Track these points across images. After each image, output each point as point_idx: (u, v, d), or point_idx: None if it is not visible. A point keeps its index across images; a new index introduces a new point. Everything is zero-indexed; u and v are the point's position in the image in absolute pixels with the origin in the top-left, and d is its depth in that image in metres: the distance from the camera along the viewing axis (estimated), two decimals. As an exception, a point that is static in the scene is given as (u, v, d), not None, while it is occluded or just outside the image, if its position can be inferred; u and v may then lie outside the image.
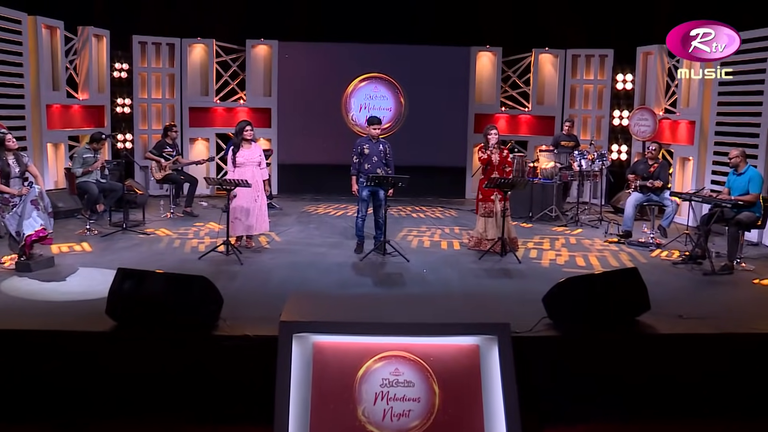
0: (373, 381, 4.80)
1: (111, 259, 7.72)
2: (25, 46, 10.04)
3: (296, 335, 4.89)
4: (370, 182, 7.89)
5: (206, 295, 5.35)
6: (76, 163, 9.22)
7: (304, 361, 4.86)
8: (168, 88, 13.23)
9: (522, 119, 13.86)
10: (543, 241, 9.36)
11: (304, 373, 4.84)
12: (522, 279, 7.30)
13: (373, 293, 6.48)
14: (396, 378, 4.82)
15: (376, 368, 4.82)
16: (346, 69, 13.63)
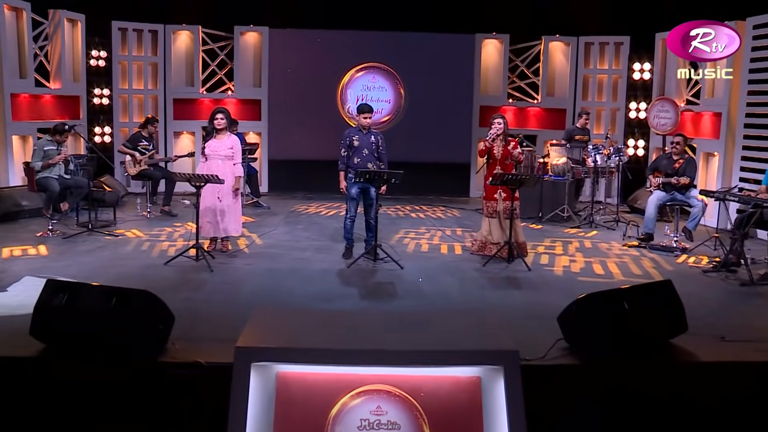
0: (349, 421, 3.90)
1: (66, 264, 6.83)
2: (-15, 29, 9.18)
3: (255, 364, 3.99)
4: (359, 178, 6.96)
5: (151, 312, 4.44)
6: (36, 156, 8.32)
7: (265, 397, 3.97)
8: (150, 78, 12.35)
9: (531, 112, 12.90)
10: (555, 244, 8.42)
11: (265, 412, 3.94)
12: (532, 290, 6.37)
13: (356, 309, 5.55)
14: (378, 418, 3.92)
15: (354, 405, 3.92)
16: (341, 58, 12.70)
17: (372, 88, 12.85)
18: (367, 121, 7.40)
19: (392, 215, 10.53)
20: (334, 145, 12.52)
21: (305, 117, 12.65)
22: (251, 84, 12.70)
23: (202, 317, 5.26)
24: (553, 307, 5.05)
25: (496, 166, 7.59)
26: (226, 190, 7.38)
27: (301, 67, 12.60)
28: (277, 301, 5.76)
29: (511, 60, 12.76)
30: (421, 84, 12.64)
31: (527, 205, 10.14)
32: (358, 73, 12.79)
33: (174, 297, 5.74)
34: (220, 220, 7.37)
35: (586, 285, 6.49)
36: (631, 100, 12.02)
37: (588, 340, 4.49)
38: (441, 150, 12.61)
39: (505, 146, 7.64)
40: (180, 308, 5.34)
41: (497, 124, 7.58)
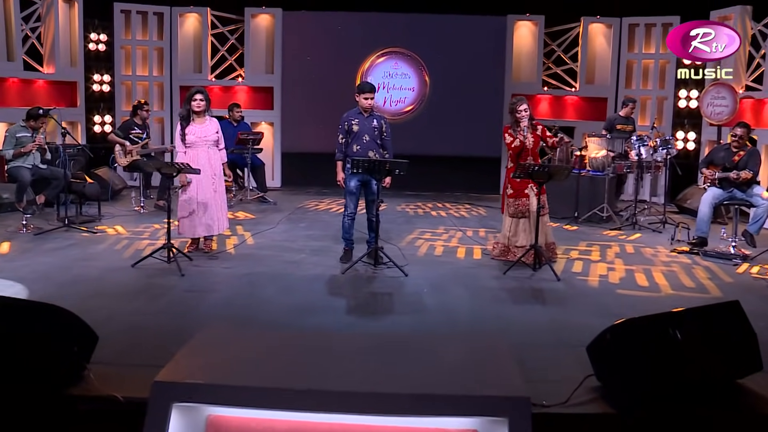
0: (300, 488, 2.92)
1: (22, 265, 6.00)
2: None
3: (179, 405, 3.04)
4: (356, 168, 5.95)
5: (64, 332, 3.50)
6: (7, 143, 7.53)
7: (190, 449, 3.01)
8: (156, 64, 11.53)
9: (568, 101, 11.70)
10: (591, 249, 7.27)
11: (188, 471, 2.99)
12: (559, 305, 5.26)
13: (334, 328, 4.52)
14: (340, 484, 2.93)
15: (309, 467, 2.94)
16: (361, 42, 11.70)
17: (394, 75, 11.82)
18: (368, 103, 6.38)
19: (410, 213, 9.50)
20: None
21: (321, 107, 11.67)
22: (263, 70, 11.79)
23: (148, 334, 4.32)
24: (585, 328, 4.09)
25: (528, 157, 6.49)
26: (217, 180, 6.48)
27: (317, 52, 11.64)
28: (243, 316, 4.79)
29: (546, 44, 11.57)
30: (447, 71, 11.53)
31: (561, 204, 9.02)
32: (379, 59, 11.77)
33: (126, 307, 4.88)
34: (214, 214, 6.45)
35: (626, 300, 5.38)
36: (680, 87, 10.71)
37: (626, 380, 3.39)
38: (468, 143, 11.51)
39: (534, 132, 6.54)
40: (127, 321, 4.48)
41: (524, 111, 6.49)
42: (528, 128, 6.51)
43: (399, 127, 11.74)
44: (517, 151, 6.49)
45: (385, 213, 9.38)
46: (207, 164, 6.37)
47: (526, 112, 6.47)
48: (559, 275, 6.03)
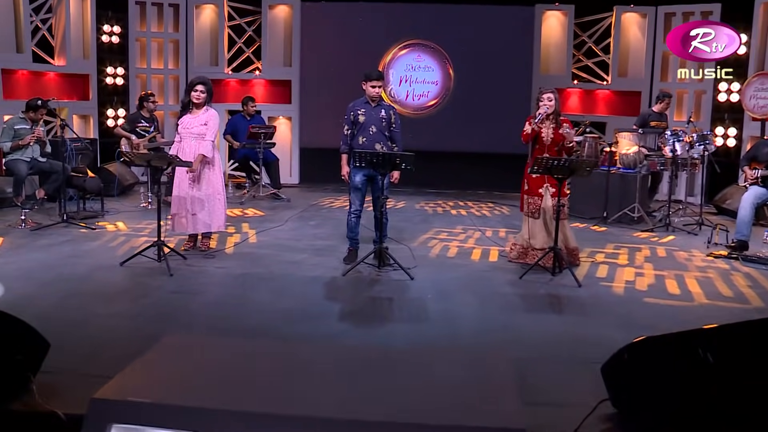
0: None
1: (9, 261, 5.73)
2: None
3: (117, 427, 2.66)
4: (359, 161, 5.50)
5: (6, 340, 3.13)
6: (5, 136, 7.26)
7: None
8: (171, 57, 11.25)
9: (599, 95, 11.08)
10: (619, 252, 6.71)
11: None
12: (578, 314, 4.74)
13: (320, 339, 4.07)
14: None
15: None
16: (382, 34, 11.23)
17: (417, 68, 11.34)
18: (375, 91, 5.93)
19: (428, 212, 9.03)
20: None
21: (341, 100, 11.13)
22: (281, 63, 11.42)
23: (119, 339, 3.95)
24: (604, 342, 3.66)
25: (544, 153, 5.97)
26: (207, 175, 6.09)
27: (336, 44, 11.23)
28: (227, 321, 4.38)
29: (576, 35, 10.97)
30: (472, 63, 11.01)
31: (589, 203, 8.48)
32: (402, 51, 11.29)
33: (104, 308, 4.54)
34: (197, 212, 6.07)
35: (653, 310, 4.84)
36: (720, 80, 10.01)
37: (646, 408, 2.88)
38: (494, 138, 10.94)
39: (556, 129, 6.01)
40: (101, 324, 4.15)
41: (547, 100, 5.97)
42: (551, 122, 5.99)
43: (421, 122, 11.30)
44: (527, 139, 5.97)
45: (402, 211, 8.95)
46: (192, 158, 5.98)
47: (550, 101, 5.96)
48: (581, 281, 5.50)
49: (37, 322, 4.21)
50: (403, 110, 11.21)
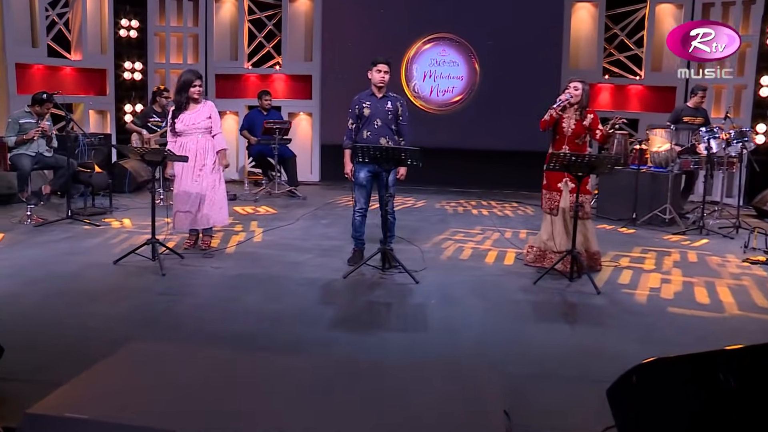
0: None
1: (2, 258, 5.52)
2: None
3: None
4: (361, 156, 5.18)
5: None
6: (10, 130, 7.12)
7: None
8: (191, 52, 11.08)
9: (632, 91, 10.56)
10: (645, 256, 6.26)
11: None
12: (594, 325, 4.34)
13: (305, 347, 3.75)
14: None
15: None
16: (406, 27, 10.88)
17: (442, 63, 10.95)
18: (381, 76, 5.59)
19: (448, 211, 8.66)
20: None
21: (362, 96, 10.94)
22: (302, 58, 11.16)
23: (88, 343, 3.70)
24: (620, 357, 3.36)
25: (563, 146, 5.58)
26: (208, 169, 5.85)
27: (358, 38, 10.91)
28: (211, 325, 4.09)
29: (608, 27, 10.46)
30: (499, 58, 10.59)
31: (618, 204, 8.05)
32: (426, 45, 10.92)
33: (83, 309, 4.34)
34: (201, 207, 5.83)
35: (678, 321, 4.42)
36: (763, 73, 9.42)
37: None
38: (521, 136, 10.42)
39: (579, 121, 5.60)
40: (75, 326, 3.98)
41: (573, 89, 5.57)
42: (574, 112, 5.58)
43: (446, 119, 10.92)
44: (545, 127, 5.55)
45: (421, 210, 8.61)
46: (196, 153, 5.75)
47: (576, 90, 5.55)
48: (601, 287, 5.08)
49: (15, 321, 4.04)
50: (428, 106, 10.88)
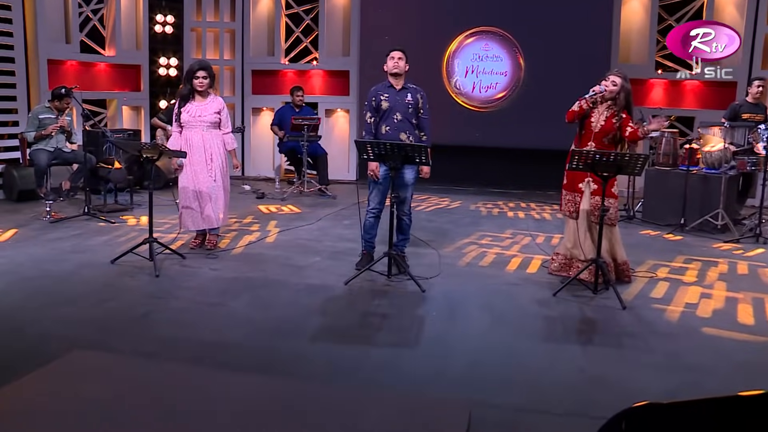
0: None
1: (4, 255, 5.41)
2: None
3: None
4: (365, 154, 4.80)
5: None
6: (29, 125, 7.06)
7: None
8: (227, 47, 10.93)
9: (687, 86, 9.80)
10: (688, 266, 5.66)
11: None
12: (610, 346, 3.83)
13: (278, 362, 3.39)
14: None
15: None
16: (447, 21, 10.44)
17: (484, 58, 10.45)
18: (394, 63, 5.20)
19: (482, 213, 8.19)
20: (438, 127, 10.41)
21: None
22: (340, 53, 10.86)
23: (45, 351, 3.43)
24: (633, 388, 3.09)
25: (588, 143, 5.07)
26: (216, 168, 5.60)
27: (397, 32, 10.51)
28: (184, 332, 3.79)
29: (661, 19, 9.74)
30: (544, 52, 10.01)
31: (665, 208, 7.44)
32: (468, 39, 10.45)
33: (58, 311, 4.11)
34: (205, 206, 5.59)
35: (711, 344, 3.87)
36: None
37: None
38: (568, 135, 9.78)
39: (610, 117, 5.08)
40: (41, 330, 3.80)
41: (612, 83, 5.06)
42: (607, 108, 5.07)
43: (489, 116, 10.41)
44: (572, 118, 5.05)
45: (454, 211, 8.19)
46: (201, 148, 5.50)
47: (615, 85, 5.05)
48: (629, 301, 4.56)
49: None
50: (470, 103, 10.41)
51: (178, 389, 2.63)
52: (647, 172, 7.99)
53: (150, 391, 2.59)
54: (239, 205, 8.11)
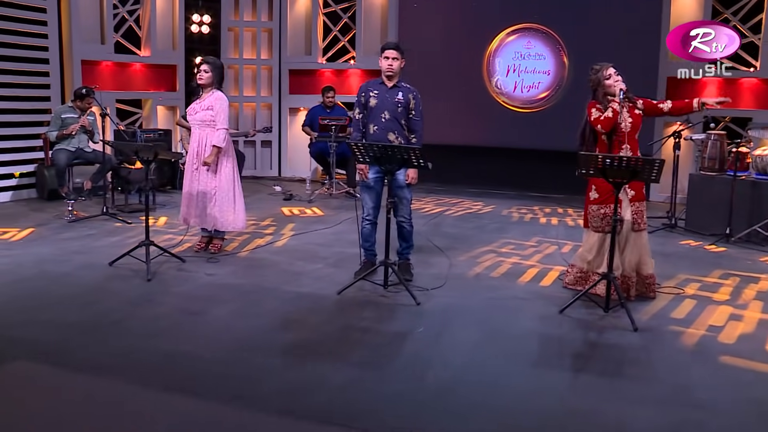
0: None
1: (10, 254, 5.45)
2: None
3: None
4: (358, 156, 4.54)
5: None
6: (52, 124, 7.12)
7: None
8: (264, 47, 10.86)
9: (744, 85, 9.12)
10: (724, 282, 5.16)
11: None
12: (609, 377, 3.42)
13: (229, 381, 3.16)
14: None
15: None
16: (488, 18, 10.06)
17: (526, 57, 10.02)
18: (387, 65, 4.91)
19: (513, 218, 7.81)
20: (476, 127, 10.12)
21: (441, 92, 10.25)
22: (376, 52, 10.58)
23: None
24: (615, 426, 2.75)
25: (622, 147, 4.66)
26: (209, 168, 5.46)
27: (436, 29, 10.23)
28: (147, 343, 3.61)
29: (716, 11, 9.08)
30: (590, 50, 9.43)
31: (709, 216, 6.91)
32: (510, 37, 10.04)
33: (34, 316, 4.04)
34: (205, 208, 5.47)
35: (727, 376, 3.45)
36: None
37: None
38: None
39: (632, 110, 4.68)
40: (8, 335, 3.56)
41: (615, 75, 4.68)
42: (626, 103, 4.67)
43: (531, 117, 9.97)
44: (608, 126, 4.63)
45: (484, 216, 7.85)
46: (197, 147, 5.38)
47: (618, 76, 4.64)
48: (645, 321, 4.15)
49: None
50: (511, 103, 10.01)
51: (100, 410, 2.45)
52: (691, 177, 7.45)
53: (70, 409, 2.42)
54: (264, 207, 8.00)
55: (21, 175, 8.04)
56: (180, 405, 2.59)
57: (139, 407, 2.55)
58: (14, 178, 8.01)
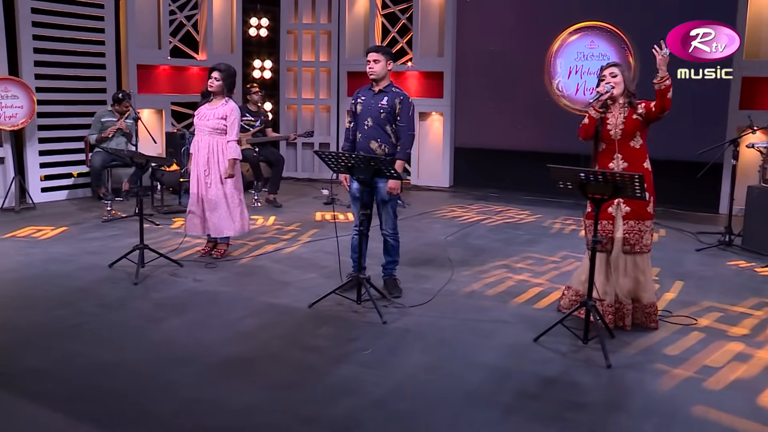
0: None
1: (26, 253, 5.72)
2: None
3: None
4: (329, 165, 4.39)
5: None
6: (93, 127, 7.43)
7: None
8: (323, 49, 10.88)
9: (832, 88, 8.15)
10: (753, 313, 4.60)
11: None
12: (544, 420, 3.06)
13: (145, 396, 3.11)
14: None
15: None
16: (549, 17, 9.63)
17: (590, 57, 9.49)
18: (369, 68, 4.70)
19: (551, 231, 7.37)
20: (538, 131, 9.66)
21: (501, 95, 9.93)
22: (435, 53, 10.39)
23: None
24: None
25: (613, 157, 4.25)
26: (214, 176, 5.48)
27: (495, 29, 9.90)
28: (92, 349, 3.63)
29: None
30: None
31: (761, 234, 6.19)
32: (572, 36, 9.55)
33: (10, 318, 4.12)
34: (208, 214, 5.50)
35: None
36: None
37: None
38: (682, 143, 8.55)
39: (630, 115, 4.24)
40: None
41: (610, 76, 4.27)
42: (621, 107, 4.25)
43: (594, 121, 9.43)
44: (584, 135, 4.25)
45: (520, 227, 7.48)
46: (206, 154, 5.41)
47: (614, 77, 4.22)
48: (630, 356, 3.74)
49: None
50: (573, 106, 9.50)
51: None
52: (750, 189, 6.66)
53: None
54: (300, 210, 8.00)
55: (79, 175, 8.48)
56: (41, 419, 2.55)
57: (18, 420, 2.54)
58: (72, 177, 8.46)
